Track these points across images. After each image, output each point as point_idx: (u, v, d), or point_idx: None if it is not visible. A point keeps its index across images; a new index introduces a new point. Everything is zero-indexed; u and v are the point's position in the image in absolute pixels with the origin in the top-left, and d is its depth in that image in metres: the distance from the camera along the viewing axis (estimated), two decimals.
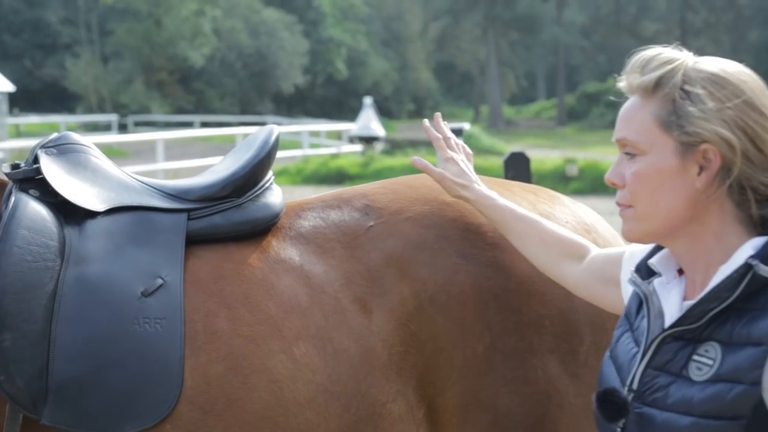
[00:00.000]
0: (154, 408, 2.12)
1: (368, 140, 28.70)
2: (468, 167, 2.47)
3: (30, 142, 20.85)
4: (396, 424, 2.28)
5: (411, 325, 2.32)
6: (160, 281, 2.22)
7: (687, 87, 1.79)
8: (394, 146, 29.65)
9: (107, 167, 2.44)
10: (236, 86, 52.69)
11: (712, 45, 60.12)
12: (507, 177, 9.43)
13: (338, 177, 23.04)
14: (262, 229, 2.40)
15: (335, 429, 2.21)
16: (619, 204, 1.87)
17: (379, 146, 29.01)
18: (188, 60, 48.71)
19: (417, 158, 2.50)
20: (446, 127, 2.57)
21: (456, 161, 2.46)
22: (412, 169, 2.53)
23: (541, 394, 2.35)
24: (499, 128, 50.67)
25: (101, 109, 46.07)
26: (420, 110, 63.37)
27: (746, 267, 1.71)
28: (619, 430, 1.83)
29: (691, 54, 1.87)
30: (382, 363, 2.28)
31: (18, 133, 37.94)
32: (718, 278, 1.77)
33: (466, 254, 2.39)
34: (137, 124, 44.66)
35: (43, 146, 2.39)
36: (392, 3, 63.66)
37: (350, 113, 46.44)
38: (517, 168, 7.27)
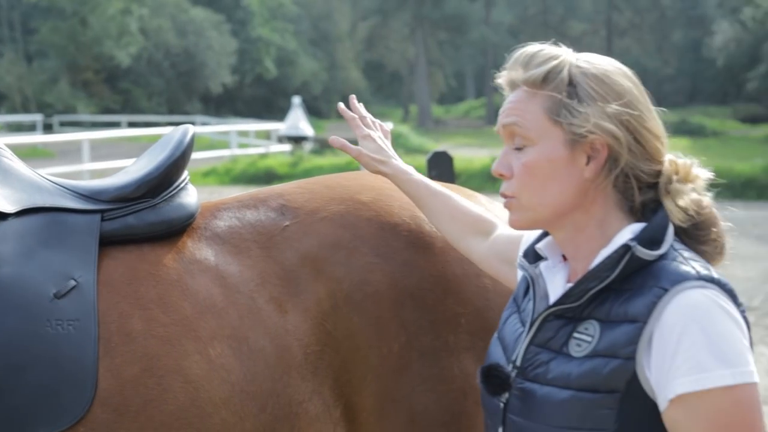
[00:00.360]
0: (68, 411, 2.08)
1: (297, 140, 28.64)
2: (385, 144, 2.52)
3: None
4: (313, 424, 2.28)
5: (327, 324, 2.32)
6: (73, 283, 2.19)
7: (574, 82, 1.88)
8: (323, 146, 29.59)
9: (18, 168, 2.39)
10: (164, 86, 52.16)
11: (637, 45, 60.96)
12: (430, 176, 9.47)
13: (267, 177, 22.96)
14: (177, 229, 2.38)
15: (251, 429, 2.21)
16: (504, 195, 1.93)
17: (308, 146, 28.96)
18: (114, 59, 48.10)
19: (334, 137, 2.56)
20: (361, 107, 2.62)
21: (373, 138, 2.51)
22: (342, 169, 2.56)
23: (457, 391, 2.37)
24: (428, 127, 50.85)
25: (25, 109, 45.25)
26: (349, 110, 63.26)
27: (625, 248, 1.81)
28: (502, 404, 1.91)
29: (570, 51, 1.95)
30: (297, 362, 2.28)
31: None
32: (599, 260, 1.86)
33: (382, 253, 2.41)
34: (63, 124, 44.00)
35: None
36: (321, 2, 63.50)
37: (279, 113, 46.22)
38: (440, 167, 7.29)
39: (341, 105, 2.64)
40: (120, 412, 2.12)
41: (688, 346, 1.70)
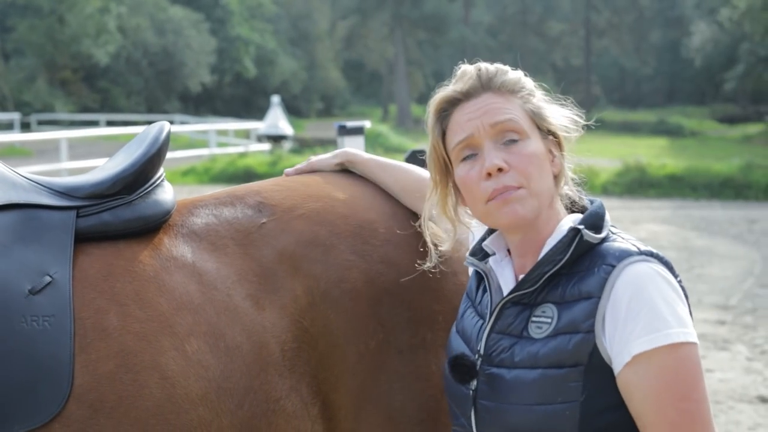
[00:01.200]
0: (43, 407, 2.05)
1: (276, 139, 28.62)
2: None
3: None
4: (290, 421, 2.27)
5: (304, 321, 2.31)
6: (48, 279, 2.16)
7: (532, 90, 2.17)
8: (302, 145, 29.61)
9: None
10: (142, 85, 52.00)
11: (615, 45, 61.20)
12: None
13: (246, 176, 22.90)
14: (154, 226, 2.35)
15: (228, 425, 2.19)
16: (507, 187, 2.05)
17: (287, 145, 28.94)
18: (93, 58, 47.89)
19: (287, 170, 2.73)
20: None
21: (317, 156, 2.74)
22: None
23: (434, 389, 2.36)
24: (408, 127, 50.88)
25: (3, 108, 44.85)
26: (329, 109, 63.32)
27: (574, 231, 2.03)
28: (471, 392, 2.07)
29: None
30: (275, 359, 2.27)
31: None
32: (548, 248, 2.06)
33: (359, 251, 2.40)
34: (41, 122, 43.74)
35: None
36: (300, 2, 63.43)
37: (258, 112, 46.18)
38: (418, 165, 7.33)
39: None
40: (95, 408, 2.09)
41: (637, 311, 1.91)
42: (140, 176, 2.38)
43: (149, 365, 2.15)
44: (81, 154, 25.58)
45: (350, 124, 6.05)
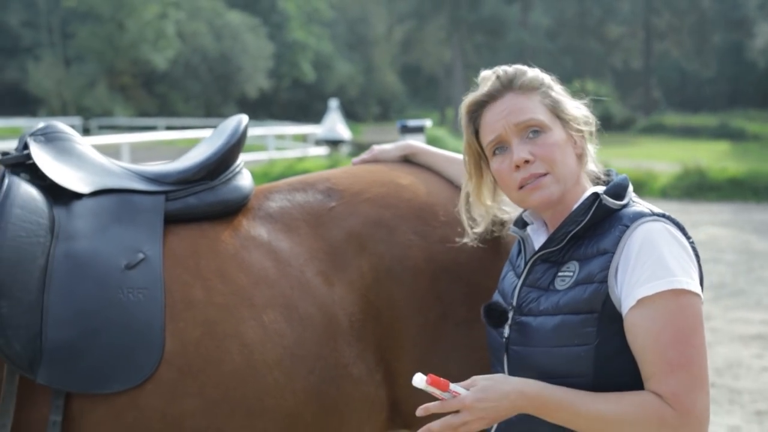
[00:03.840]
0: (138, 369, 2.32)
1: (334, 143, 28.80)
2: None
3: None
4: (357, 385, 2.51)
5: (369, 295, 2.55)
6: (141, 255, 2.43)
7: (551, 85, 2.40)
8: (360, 149, 29.68)
9: (91, 153, 2.64)
10: (200, 90, 52.59)
11: (676, 48, 60.54)
12: None
13: None
14: (234, 209, 2.63)
15: (301, 389, 2.44)
16: (533, 175, 2.30)
17: (344, 149, 29.11)
18: (151, 63, 48.59)
19: (354, 159, 2.97)
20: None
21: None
22: None
23: (489, 360, 2.57)
24: None
25: (64, 112, 45.73)
26: (386, 113, 63.46)
27: (594, 195, 2.30)
28: (504, 340, 2.32)
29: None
30: (343, 329, 2.51)
31: None
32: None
33: (420, 231, 2.63)
34: (101, 127, 44.47)
35: (32, 134, 2.60)
36: (356, 6, 63.71)
37: (315, 116, 46.49)
38: None
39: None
40: (183, 372, 2.35)
41: (644, 260, 2.16)
42: (222, 164, 2.65)
43: (231, 333, 2.40)
44: (141, 158, 25.90)
45: (412, 122, 6.29)
